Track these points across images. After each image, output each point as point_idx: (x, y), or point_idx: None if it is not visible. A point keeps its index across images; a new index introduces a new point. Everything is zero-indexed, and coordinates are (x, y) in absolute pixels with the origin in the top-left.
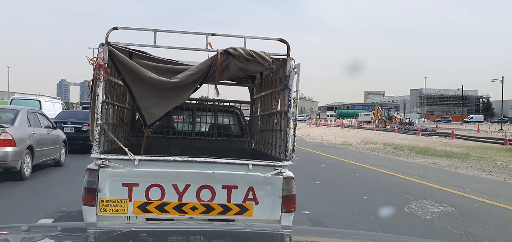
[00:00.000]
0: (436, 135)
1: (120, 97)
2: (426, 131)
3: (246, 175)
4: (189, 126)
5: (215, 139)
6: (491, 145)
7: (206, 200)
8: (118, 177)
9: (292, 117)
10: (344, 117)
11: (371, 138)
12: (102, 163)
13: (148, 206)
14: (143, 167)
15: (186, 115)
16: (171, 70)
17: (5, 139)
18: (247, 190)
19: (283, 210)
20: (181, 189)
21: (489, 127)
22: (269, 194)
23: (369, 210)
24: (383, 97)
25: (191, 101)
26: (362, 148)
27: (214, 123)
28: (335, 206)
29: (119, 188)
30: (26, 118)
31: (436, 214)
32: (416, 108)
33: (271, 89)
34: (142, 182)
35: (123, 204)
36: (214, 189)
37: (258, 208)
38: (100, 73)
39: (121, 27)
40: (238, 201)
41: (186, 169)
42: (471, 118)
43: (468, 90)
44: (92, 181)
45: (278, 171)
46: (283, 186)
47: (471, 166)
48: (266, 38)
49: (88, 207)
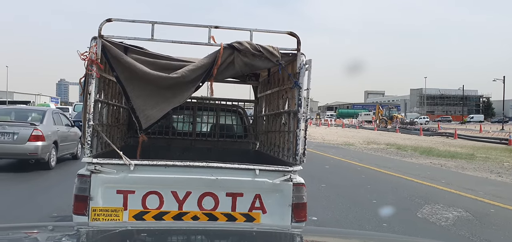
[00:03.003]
0: (438, 135)
1: (115, 95)
2: (428, 131)
3: (252, 181)
4: (190, 126)
5: (217, 140)
6: (495, 145)
7: (209, 209)
8: (112, 183)
9: (303, 118)
10: (345, 117)
11: (373, 138)
12: (94, 168)
13: (145, 215)
14: (139, 172)
15: (186, 115)
16: (170, 67)
17: (37, 134)
18: (254, 198)
19: (293, 220)
20: (181, 196)
21: (491, 126)
22: (277, 202)
23: (380, 216)
24: (383, 97)
25: (191, 100)
26: (364, 148)
27: (216, 123)
28: (344, 211)
29: (113, 195)
30: (51, 117)
31: (451, 219)
32: (416, 108)
33: (278, 87)
34: (138, 189)
35: (118, 213)
36: (218, 196)
37: (266, 218)
38: (92, 69)
39: (116, 19)
40: (243, 210)
41: (186, 175)
42: (472, 118)
43: (468, 90)
44: (83, 187)
45: (287, 176)
46: (293, 194)
47: (478, 167)
48: (274, 32)
49: (79, 216)
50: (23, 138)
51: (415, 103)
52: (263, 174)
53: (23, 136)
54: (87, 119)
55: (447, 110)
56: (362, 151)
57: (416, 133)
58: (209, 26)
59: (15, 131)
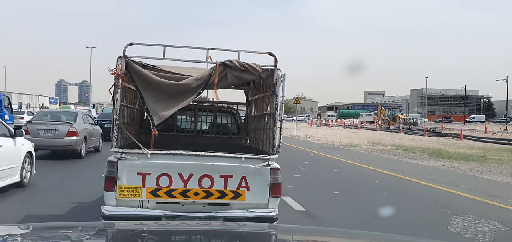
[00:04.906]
0: (443, 135)
1: (132, 100)
2: (432, 132)
3: (239, 166)
4: (192, 125)
5: (215, 137)
6: (504, 146)
7: (206, 187)
8: (133, 167)
9: (279, 118)
10: (346, 117)
11: (377, 138)
12: (120, 156)
13: (158, 191)
14: (154, 159)
15: (188, 115)
16: (177, 78)
17: (72, 131)
18: (241, 179)
19: (271, 195)
20: (186, 177)
21: (494, 127)
22: (258, 182)
23: (409, 231)
24: (383, 97)
25: (193, 102)
26: (370, 149)
27: (213, 122)
28: (366, 225)
29: (134, 176)
30: (82, 117)
31: (488, 234)
32: (417, 108)
33: (262, 94)
34: (153, 171)
35: (138, 190)
36: (213, 178)
37: (250, 194)
38: (118, 81)
39: (136, 43)
40: (233, 188)
41: (190, 161)
42: (473, 118)
43: (469, 90)
44: (112, 170)
45: (266, 163)
46: (271, 176)
47: (494, 170)
48: (257, 52)
49: (109, 192)
50: (62, 134)
51: (415, 103)
52: (247, 161)
53: (62, 132)
54: (115, 119)
55: (448, 110)
56: (368, 152)
57: (420, 133)
58: (207, 48)
59: (56, 128)
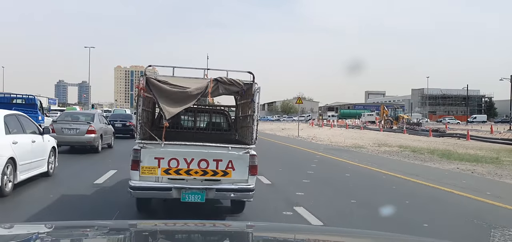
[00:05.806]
0: (448, 136)
1: (147, 104)
2: (437, 132)
3: (227, 153)
4: (193, 123)
5: (210, 132)
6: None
7: (203, 168)
8: (152, 153)
9: (255, 119)
10: (347, 117)
11: (382, 139)
12: (142, 145)
13: (169, 171)
14: (166, 148)
15: (190, 115)
16: (182, 88)
17: (91, 129)
18: (228, 162)
19: (250, 174)
20: (189, 161)
21: (497, 127)
22: (241, 164)
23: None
24: (384, 97)
25: (193, 105)
26: (377, 151)
27: (209, 121)
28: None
29: (152, 160)
30: (98, 118)
31: None
32: (418, 108)
33: (246, 100)
34: (165, 156)
35: (155, 169)
36: (208, 161)
37: (235, 173)
38: (141, 92)
39: (154, 65)
40: (222, 168)
41: (191, 149)
42: (474, 118)
43: (470, 90)
44: (137, 156)
45: (246, 151)
46: (249, 160)
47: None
48: (240, 71)
49: (134, 171)
50: (82, 132)
51: (416, 103)
52: (233, 149)
53: (82, 130)
54: (138, 119)
55: (449, 110)
56: (376, 154)
57: (424, 134)
58: (204, 68)
59: (76, 127)
